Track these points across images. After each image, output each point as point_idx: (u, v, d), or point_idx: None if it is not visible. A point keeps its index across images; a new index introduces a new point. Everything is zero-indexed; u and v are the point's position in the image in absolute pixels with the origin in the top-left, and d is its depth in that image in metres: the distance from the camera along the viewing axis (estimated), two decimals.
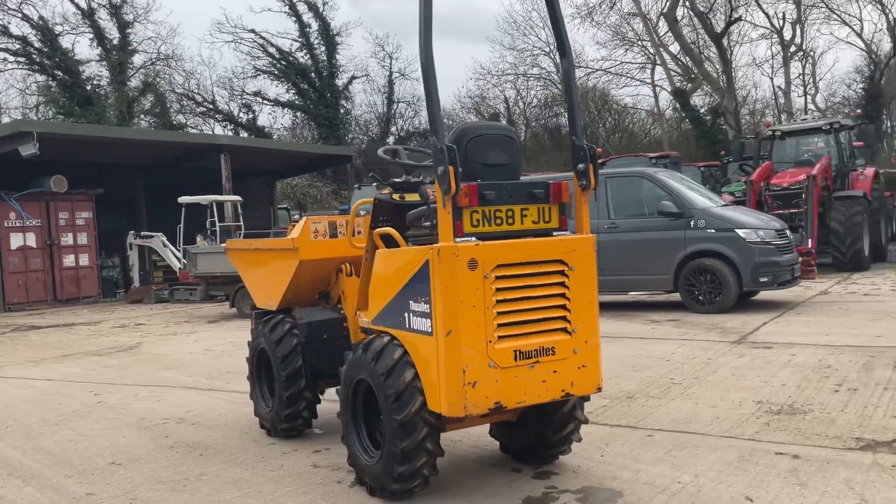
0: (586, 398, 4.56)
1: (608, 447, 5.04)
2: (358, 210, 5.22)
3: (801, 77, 45.14)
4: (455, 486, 4.45)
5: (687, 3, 38.83)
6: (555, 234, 4.27)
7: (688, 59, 41.35)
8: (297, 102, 42.88)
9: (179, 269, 18.46)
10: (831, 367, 7.15)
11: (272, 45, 43.00)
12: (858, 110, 21.23)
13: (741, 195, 17.17)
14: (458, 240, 3.91)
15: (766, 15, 40.88)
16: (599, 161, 17.37)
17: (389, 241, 4.49)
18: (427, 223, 4.39)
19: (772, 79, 73.49)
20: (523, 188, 4.19)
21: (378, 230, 4.54)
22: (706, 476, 4.42)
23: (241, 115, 43.96)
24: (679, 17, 39.60)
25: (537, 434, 4.61)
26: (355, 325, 5.35)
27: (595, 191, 10.14)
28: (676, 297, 11.68)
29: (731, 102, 39.55)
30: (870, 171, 17.77)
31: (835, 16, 40.82)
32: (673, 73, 42.45)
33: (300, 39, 42.42)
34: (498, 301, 3.94)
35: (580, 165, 4.22)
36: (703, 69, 40.51)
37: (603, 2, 41.43)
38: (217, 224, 19.10)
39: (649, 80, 47.31)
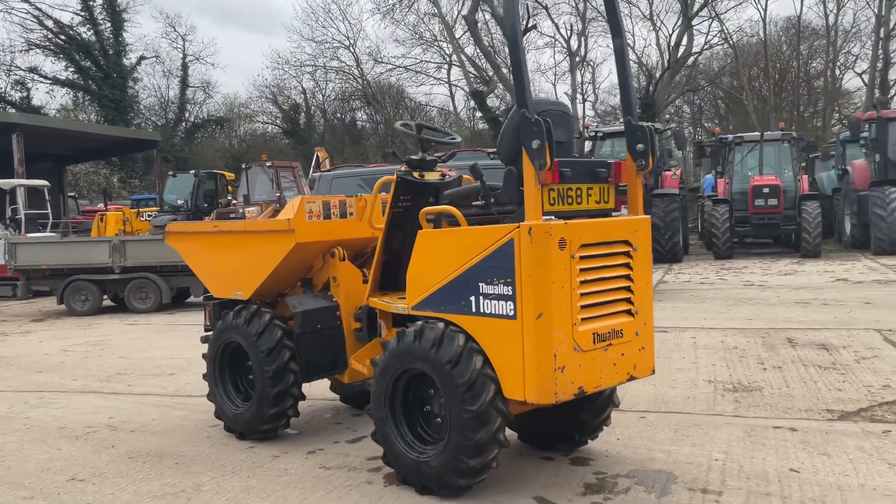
0: None
1: (616, 430, 5.06)
2: (380, 189, 4.84)
3: (580, 85, 48.30)
4: (502, 478, 4.25)
5: (486, 8, 40.23)
6: (613, 214, 4.21)
7: (485, 61, 42.85)
8: (78, 81, 39.31)
9: None
10: (737, 348, 7.69)
11: (49, 17, 39.15)
12: (667, 116, 23.07)
13: None
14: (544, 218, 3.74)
15: (556, 25, 43.36)
16: (438, 155, 17.39)
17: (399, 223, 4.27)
18: (479, 202, 4.16)
19: (554, 86, 77.93)
20: (588, 167, 4.09)
21: (428, 209, 4.23)
22: (734, 452, 4.57)
23: (13, 92, 39.60)
24: (477, 21, 40.95)
25: (572, 420, 4.52)
26: (349, 314, 4.99)
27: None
28: None
29: None
30: (679, 171, 19.42)
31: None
32: (470, 75, 43.80)
33: (82, 13, 38.95)
34: (581, 282, 3.82)
35: (639, 146, 4.18)
36: (500, 72, 42.15)
37: (402, 0, 41.89)
38: (22, 211, 17.02)
39: (446, 80, 48.50)
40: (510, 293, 3.74)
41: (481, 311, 3.87)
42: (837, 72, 47.58)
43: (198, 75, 47.04)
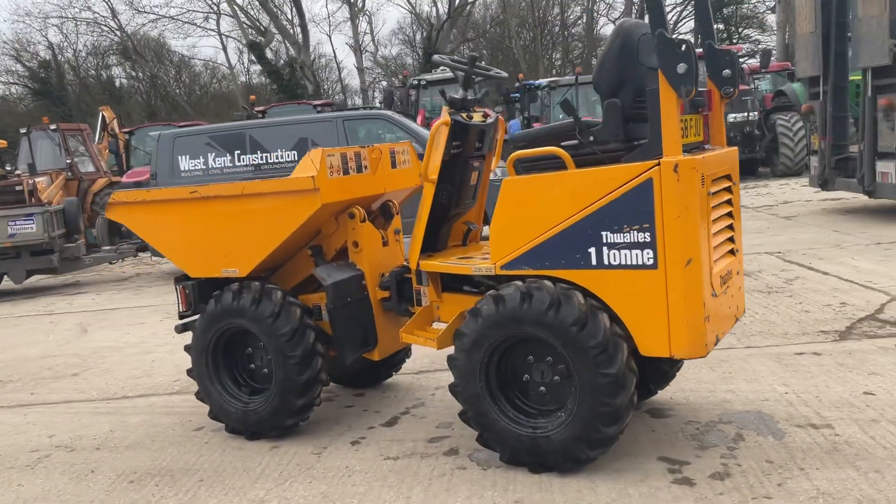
0: None
1: None
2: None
3: (358, 36, 47.57)
4: None
5: None
6: (706, 147, 3.93)
7: (261, 10, 40.81)
8: None
9: None
10: None
11: None
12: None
13: None
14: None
15: None
16: (259, 109, 16.34)
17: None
18: (574, 141, 3.69)
19: (330, 37, 76.25)
20: None
21: (523, 153, 3.68)
22: (793, 383, 4.54)
23: None
24: None
25: (652, 371, 4.23)
26: (374, 282, 4.37)
27: (337, 134, 9.55)
28: None
29: (307, 56, 40.17)
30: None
31: None
32: (244, 24, 41.51)
33: None
34: (712, 221, 3.52)
35: (726, 71, 3.89)
36: (279, 22, 40.36)
37: None
38: None
39: (215, 30, 45.65)
40: (648, 240, 3.35)
41: (605, 263, 3.45)
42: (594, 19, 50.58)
43: None
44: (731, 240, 3.84)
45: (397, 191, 4.71)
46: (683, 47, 3.23)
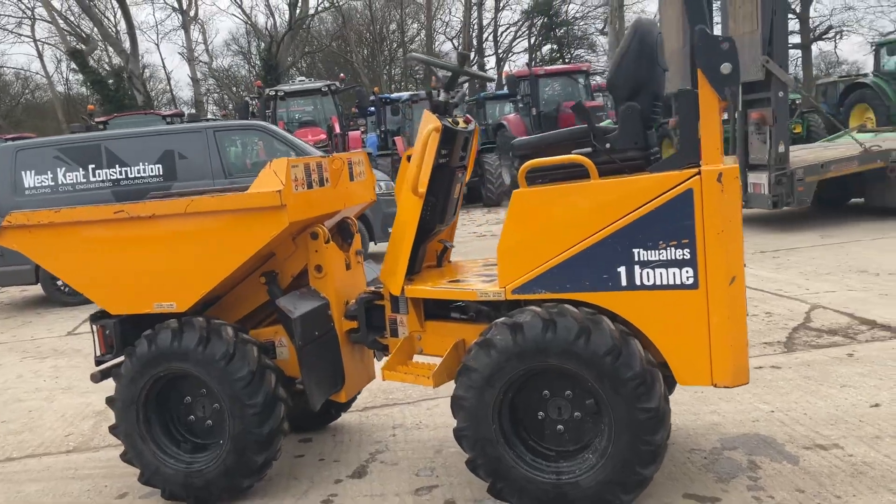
0: None
1: None
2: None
3: (192, 44, 45.49)
4: None
5: None
6: None
7: (80, 16, 38.14)
8: None
9: None
10: None
11: None
12: (342, 75, 22.46)
13: None
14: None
15: None
16: (100, 120, 15.12)
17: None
18: (589, 148, 3.32)
19: (158, 46, 72.60)
20: None
21: (536, 162, 3.24)
22: (775, 401, 4.39)
23: None
24: None
25: None
26: (339, 312, 3.82)
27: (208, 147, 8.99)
28: None
29: (136, 66, 37.87)
30: (357, 132, 19.14)
31: None
32: (65, 31, 38.59)
33: None
34: None
35: None
36: (104, 29, 37.80)
37: None
38: None
39: (30, 37, 42.20)
40: (687, 256, 3.03)
41: (637, 283, 3.10)
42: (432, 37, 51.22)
43: None
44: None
45: (353, 206, 4.16)
46: (727, 45, 2.94)
